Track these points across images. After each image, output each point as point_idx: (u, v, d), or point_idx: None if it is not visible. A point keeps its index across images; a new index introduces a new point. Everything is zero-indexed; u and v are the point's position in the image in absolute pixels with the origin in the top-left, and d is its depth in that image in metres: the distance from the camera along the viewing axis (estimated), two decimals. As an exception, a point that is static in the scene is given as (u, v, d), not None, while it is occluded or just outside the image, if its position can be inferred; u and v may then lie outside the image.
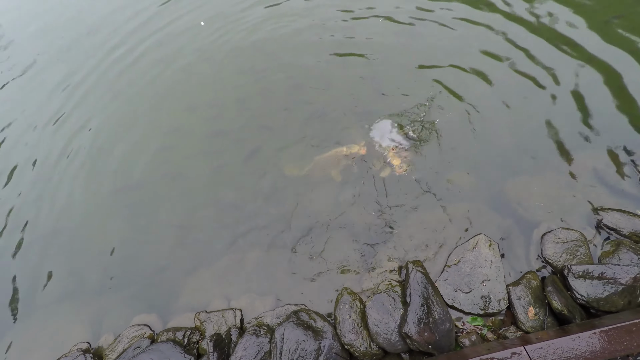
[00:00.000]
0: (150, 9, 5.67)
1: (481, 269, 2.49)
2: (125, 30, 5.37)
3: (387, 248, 2.75)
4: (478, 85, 3.59)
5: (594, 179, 2.85)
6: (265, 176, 3.30)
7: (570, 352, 1.57)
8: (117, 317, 2.77)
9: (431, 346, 2.17)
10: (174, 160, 3.64)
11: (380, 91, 3.74)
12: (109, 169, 3.69)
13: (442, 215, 2.82)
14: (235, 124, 3.78)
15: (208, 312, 2.64)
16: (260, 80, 4.16)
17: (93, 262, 3.08)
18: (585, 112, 3.21)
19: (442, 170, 3.06)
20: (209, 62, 4.53)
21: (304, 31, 4.59)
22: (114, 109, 4.29)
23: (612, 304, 2.14)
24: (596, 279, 2.24)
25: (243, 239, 2.97)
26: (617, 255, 2.38)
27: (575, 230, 2.57)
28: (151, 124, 4.02)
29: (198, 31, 5.01)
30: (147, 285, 2.89)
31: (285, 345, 2.25)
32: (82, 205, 3.48)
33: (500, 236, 2.68)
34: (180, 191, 3.38)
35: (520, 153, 3.06)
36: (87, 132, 4.08)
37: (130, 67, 4.75)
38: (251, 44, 4.60)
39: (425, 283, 2.39)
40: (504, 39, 3.94)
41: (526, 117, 3.28)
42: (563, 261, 2.46)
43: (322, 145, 3.39)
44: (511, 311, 2.34)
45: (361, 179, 3.11)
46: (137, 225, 3.25)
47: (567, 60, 3.60)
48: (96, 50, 5.16)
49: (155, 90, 4.37)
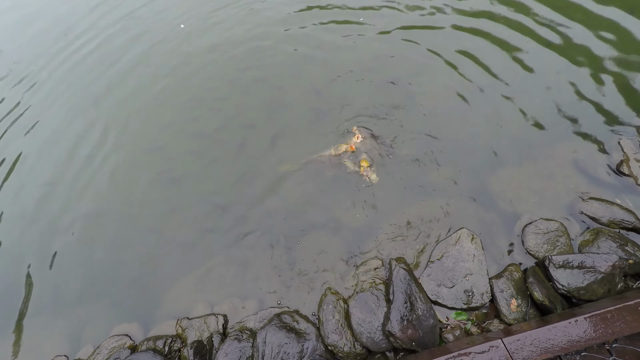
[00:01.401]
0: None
1: (464, 263, 2.49)
2: (101, 31, 5.32)
3: (370, 247, 2.73)
4: (456, 81, 3.61)
5: (573, 169, 2.87)
6: (248, 179, 3.26)
7: (547, 342, 1.56)
8: (96, 327, 2.69)
9: (415, 343, 2.14)
10: (154, 165, 3.57)
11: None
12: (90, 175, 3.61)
13: (425, 212, 2.81)
14: (214, 126, 3.73)
15: (190, 318, 2.58)
16: (242, 82, 4.13)
17: (71, 272, 3.00)
18: (562, 103, 3.24)
19: (423, 168, 3.05)
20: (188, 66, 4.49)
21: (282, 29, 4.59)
22: (94, 114, 4.21)
23: (592, 293, 2.14)
24: (576, 268, 2.24)
25: (226, 243, 2.92)
26: (596, 243, 2.40)
27: (555, 220, 2.58)
28: (127, 129, 3.95)
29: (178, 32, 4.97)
30: (128, 293, 2.81)
31: (267, 349, 2.20)
32: (59, 213, 3.39)
33: (482, 230, 2.68)
34: (159, 196, 3.31)
35: (500, 147, 3.07)
36: (71, 137, 3.98)
37: (108, 70, 4.68)
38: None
39: (409, 280, 2.37)
40: (478, 34, 3.98)
41: (504, 111, 3.30)
42: (544, 252, 2.46)
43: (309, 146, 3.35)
44: (494, 304, 2.33)
45: (344, 180, 3.09)
46: (115, 232, 3.17)
47: (542, 50, 3.64)
48: (63, 49, 5.08)
49: (135, 93, 4.31)
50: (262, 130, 3.59)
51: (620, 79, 3.29)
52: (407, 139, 3.25)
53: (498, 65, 3.65)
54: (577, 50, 3.58)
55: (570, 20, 3.84)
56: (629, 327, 1.55)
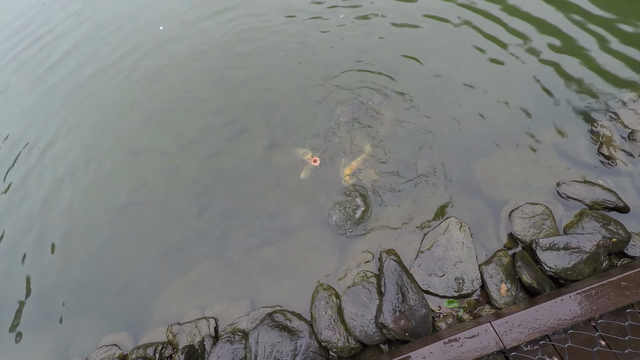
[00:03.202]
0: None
1: (453, 252, 2.50)
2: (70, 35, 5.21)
3: (360, 240, 2.72)
4: (438, 71, 3.64)
5: (555, 153, 2.92)
6: (233, 179, 3.22)
7: (534, 322, 1.57)
8: (84, 339, 2.61)
9: (408, 333, 2.14)
10: (140, 169, 3.50)
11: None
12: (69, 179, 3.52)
13: (413, 203, 2.82)
14: (197, 126, 3.68)
15: (181, 324, 2.53)
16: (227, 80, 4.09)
17: (55, 285, 2.91)
18: (543, 90, 3.29)
19: (409, 160, 3.06)
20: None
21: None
22: (77, 119, 4.11)
23: (578, 273, 2.18)
24: (562, 249, 2.27)
25: (214, 245, 2.87)
26: (580, 224, 2.44)
27: (540, 204, 2.61)
28: (110, 133, 3.87)
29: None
30: (115, 303, 2.74)
31: (259, 349, 2.17)
32: (41, 223, 3.29)
33: (470, 217, 2.70)
34: (144, 201, 3.24)
35: (484, 136, 3.10)
36: (38, 150, 3.86)
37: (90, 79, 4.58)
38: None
39: (400, 271, 2.37)
40: (462, 22, 4.03)
41: (486, 100, 3.34)
42: (531, 235, 2.49)
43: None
44: (485, 290, 2.35)
45: (326, 173, 3.08)
46: (98, 240, 3.08)
47: (525, 37, 3.71)
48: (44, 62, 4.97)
49: (117, 96, 4.22)
50: (251, 129, 3.55)
51: (598, 64, 3.36)
52: (392, 132, 3.26)
53: (480, 54, 3.70)
54: (555, 34, 3.66)
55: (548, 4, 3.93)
56: (613, 303, 1.57)
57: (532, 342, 1.59)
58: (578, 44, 3.53)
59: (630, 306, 1.59)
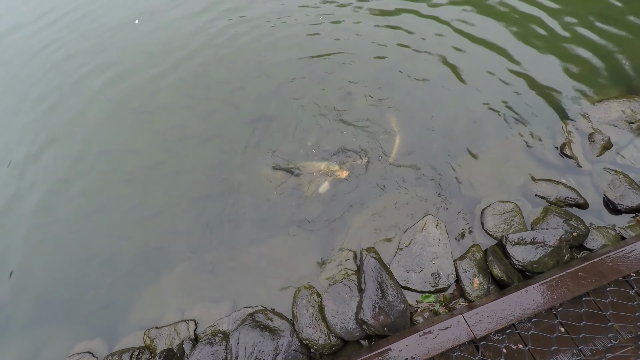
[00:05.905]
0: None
1: (430, 248, 2.59)
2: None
3: (341, 240, 2.76)
4: (415, 73, 3.76)
5: (524, 153, 3.09)
6: (214, 181, 3.17)
7: (502, 312, 1.67)
8: (55, 348, 2.49)
9: (387, 329, 2.20)
10: (124, 168, 3.38)
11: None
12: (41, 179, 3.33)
13: (391, 202, 2.89)
14: (178, 122, 3.60)
15: (159, 327, 2.47)
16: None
17: (20, 292, 2.75)
18: (512, 92, 3.48)
19: (385, 161, 3.14)
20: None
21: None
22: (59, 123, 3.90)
23: (543, 265, 2.32)
24: (529, 244, 2.42)
25: (193, 245, 2.83)
26: (546, 220, 2.60)
27: (510, 202, 2.76)
28: (93, 134, 3.71)
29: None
30: (88, 308, 2.63)
31: (240, 350, 2.16)
32: (7, 218, 3.10)
33: (446, 215, 2.81)
34: (122, 202, 3.13)
35: (457, 137, 3.24)
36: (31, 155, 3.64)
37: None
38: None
39: (379, 268, 2.43)
40: (441, 31, 4.18)
41: (459, 102, 3.49)
42: (502, 231, 2.63)
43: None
44: (459, 284, 2.45)
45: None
46: (69, 240, 2.95)
47: (489, 41, 3.90)
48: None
49: (105, 99, 4.05)
50: (234, 129, 3.51)
51: (564, 65, 3.59)
52: (368, 132, 3.33)
53: (452, 56, 3.85)
54: (525, 37, 3.87)
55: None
56: (571, 292, 1.70)
57: (500, 331, 1.69)
58: (545, 51, 3.76)
59: (586, 294, 1.73)
